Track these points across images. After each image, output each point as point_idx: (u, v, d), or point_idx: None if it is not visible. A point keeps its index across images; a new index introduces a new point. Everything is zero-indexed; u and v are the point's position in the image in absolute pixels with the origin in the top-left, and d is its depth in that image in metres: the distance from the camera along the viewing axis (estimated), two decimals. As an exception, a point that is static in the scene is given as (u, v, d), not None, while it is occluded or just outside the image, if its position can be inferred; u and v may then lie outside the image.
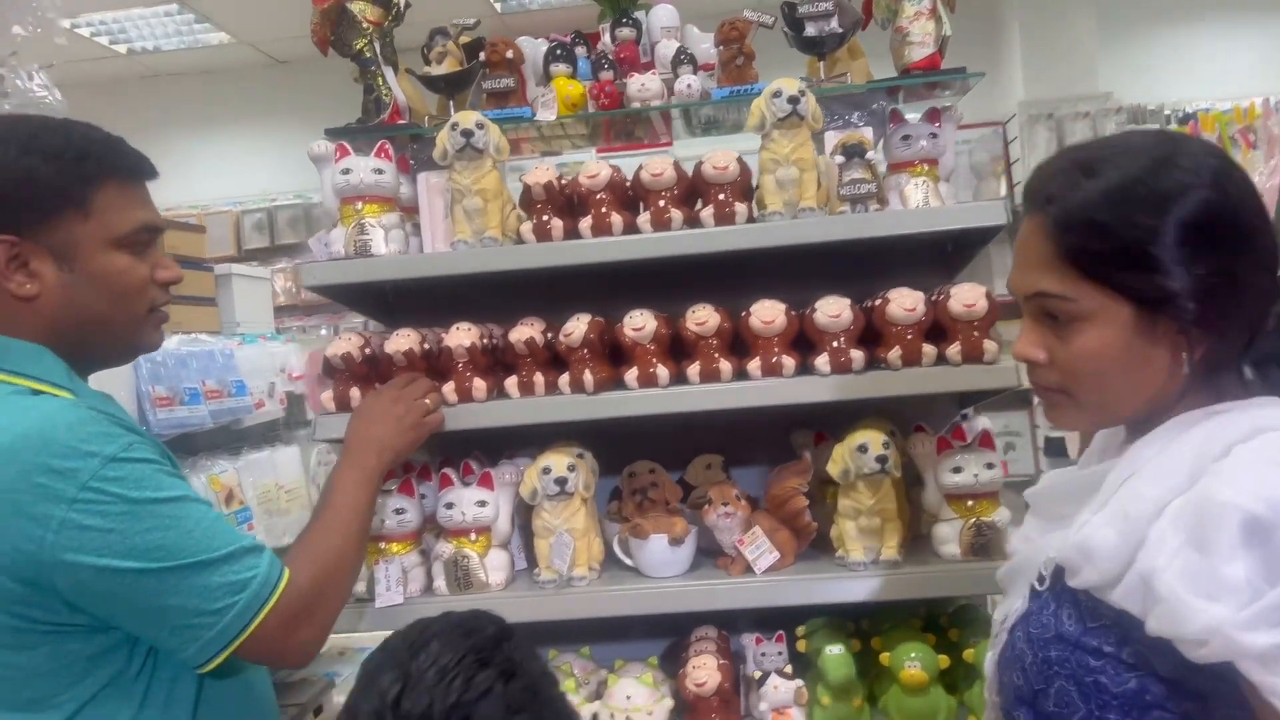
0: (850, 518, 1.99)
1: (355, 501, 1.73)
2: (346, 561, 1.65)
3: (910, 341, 1.94)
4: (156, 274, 1.53)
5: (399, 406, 1.90)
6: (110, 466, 1.33)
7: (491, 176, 2.02)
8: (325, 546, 1.63)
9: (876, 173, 1.96)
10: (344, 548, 1.65)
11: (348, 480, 1.76)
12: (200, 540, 1.38)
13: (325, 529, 1.66)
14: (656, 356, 2.00)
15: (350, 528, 1.69)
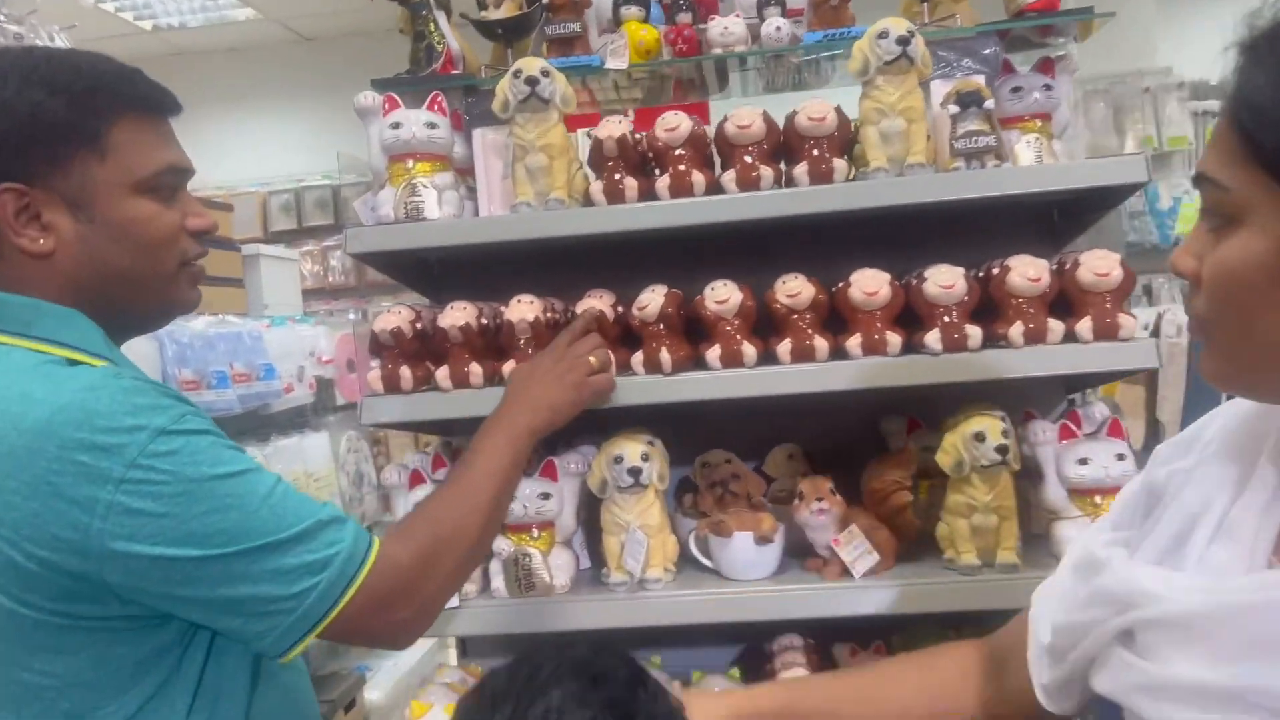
0: (962, 515, 1.76)
1: (491, 465, 1.50)
2: (465, 534, 1.41)
3: (1034, 315, 1.71)
4: (187, 222, 1.32)
5: (560, 364, 1.68)
6: (160, 440, 1.14)
7: (558, 131, 1.80)
8: (442, 515, 1.41)
9: (995, 124, 1.73)
10: (465, 518, 1.42)
11: (488, 441, 1.54)
12: (268, 519, 1.19)
13: (447, 495, 1.45)
14: (741, 333, 1.78)
15: (478, 495, 1.45)
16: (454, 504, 1.43)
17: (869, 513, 1.83)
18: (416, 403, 1.81)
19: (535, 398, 1.61)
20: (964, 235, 2.01)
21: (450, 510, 1.42)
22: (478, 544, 1.46)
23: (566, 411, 1.65)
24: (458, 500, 1.44)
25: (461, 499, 1.44)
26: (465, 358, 1.81)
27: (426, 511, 1.43)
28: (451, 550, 1.38)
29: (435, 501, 1.45)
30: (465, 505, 1.43)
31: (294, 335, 4.72)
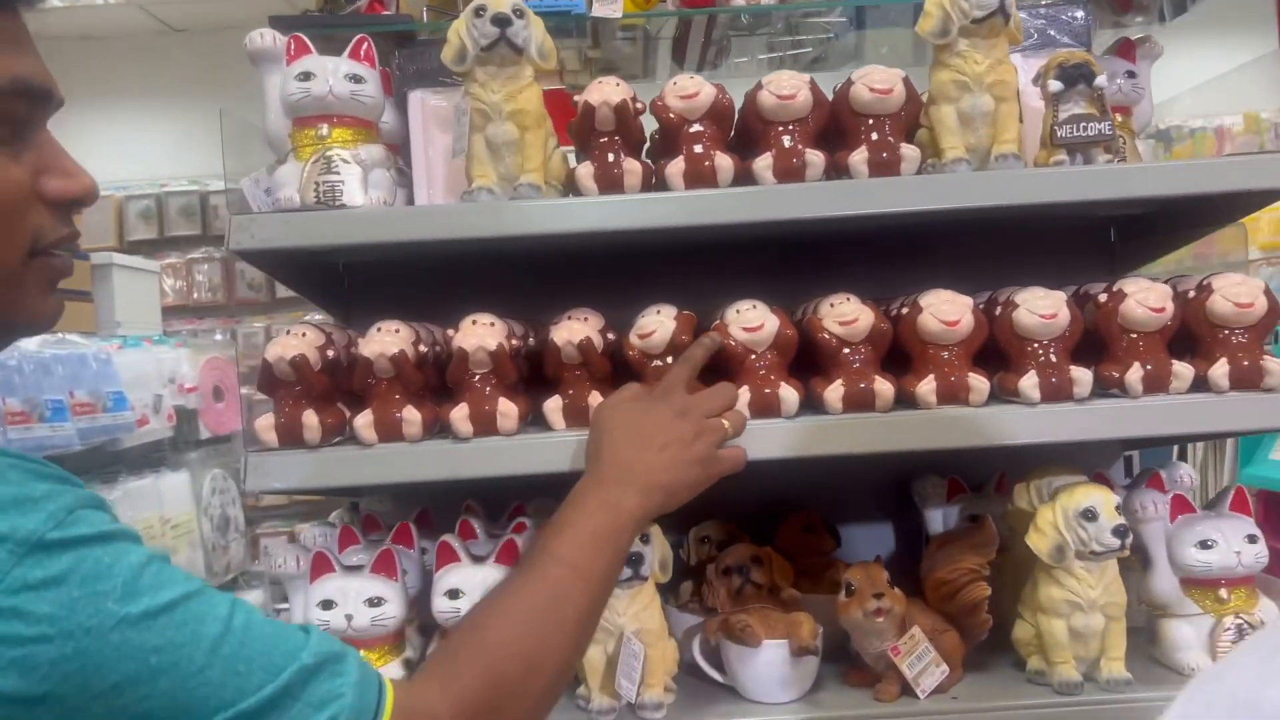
0: (1058, 615, 1.35)
1: (582, 563, 1.03)
2: (540, 671, 0.95)
3: (1153, 356, 1.32)
4: (43, 184, 0.82)
5: (686, 423, 1.17)
6: (32, 560, 0.70)
7: (532, 93, 1.32)
8: (505, 640, 0.95)
9: (1106, 107, 1.34)
10: (541, 645, 0.96)
11: (577, 527, 1.07)
12: (221, 682, 0.75)
13: (514, 609, 0.98)
14: (777, 371, 1.33)
15: (562, 609, 1.00)
16: (525, 623, 0.96)
17: (931, 609, 1.40)
18: (326, 462, 1.29)
19: (648, 470, 1.13)
20: (976, 254, 1.63)
21: (519, 632, 0.95)
22: (557, 683, 0.98)
23: (684, 496, 1.17)
24: (531, 617, 0.97)
25: (536, 616, 0.97)
26: (397, 399, 1.31)
27: (481, 633, 0.95)
28: (521, 697, 0.91)
29: (496, 617, 0.97)
30: (543, 626, 0.97)
31: (151, 359, 4.05)
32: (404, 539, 1.49)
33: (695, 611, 1.51)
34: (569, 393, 1.34)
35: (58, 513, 0.71)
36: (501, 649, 0.93)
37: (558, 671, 0.98)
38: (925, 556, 1.42)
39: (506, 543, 1.35)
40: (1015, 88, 1.35)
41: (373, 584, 1.33)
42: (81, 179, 0.85)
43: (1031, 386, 1.30)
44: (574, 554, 1.03)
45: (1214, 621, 1.36)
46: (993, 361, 1.36)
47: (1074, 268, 1.65)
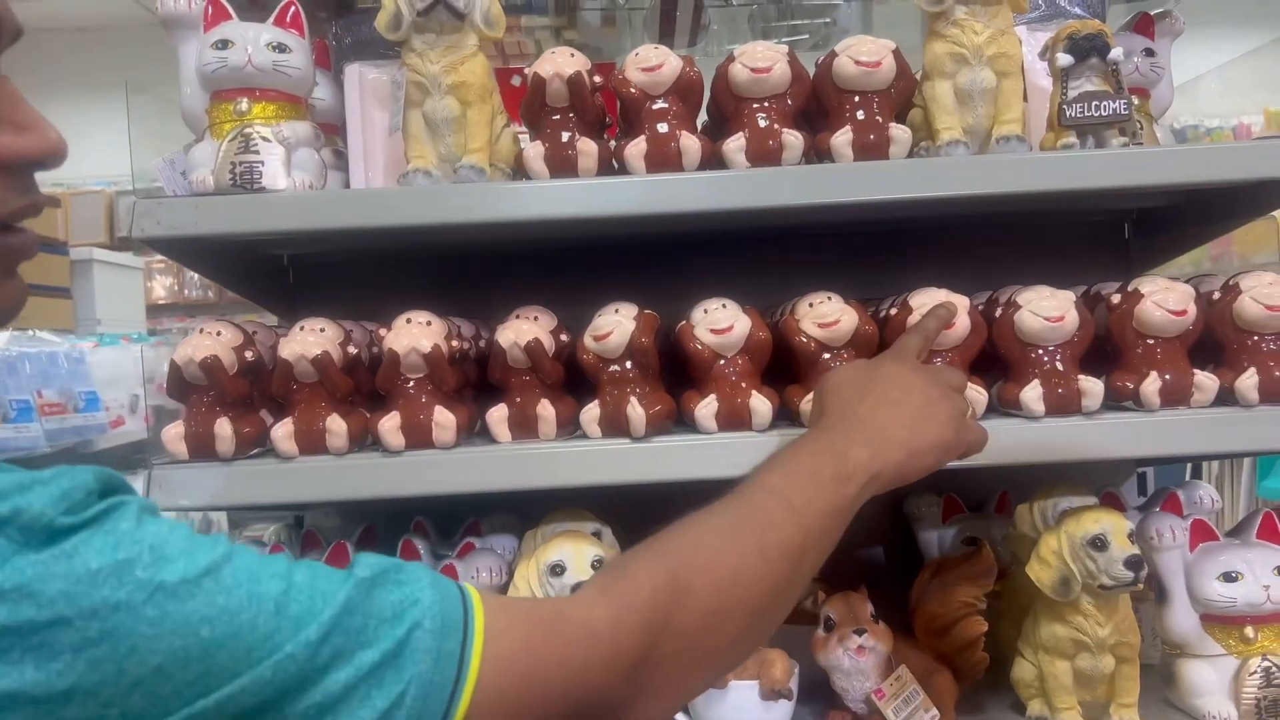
0: (1063, 655, 1.20)
1: (804, 494, 0.87)
2: (753, 579, 0.81)
3: (1173, 364, 1.17)
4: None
5: (929, 380, 1.00)
6: (35, 539, 0.57)
7: (477, 64, 1.18)
8: (711, 538, 0.82)
9: (1123, 85, 1.19)
10: (752, 553, 0.82)
11: (806, 460, 0.91)
12: (273, 622, 0.61)
13: (724, 513, 0.85)
14: (749, 379, 1.18)
15: (779, 529, 0.84)
16: (719, 537, 0.82)
17: (922, 646, 1.25)
18: (240, 477, 1.15)
19: (884, 425, 0.96)
20: (981, 249, 1.49)
21: (711, 544, 0.81)
22: (757, 619, 0.83)
23: (930, 461, 0.99)
24: (728, 534, 0.82)
25: (735, 535, 0.82)
26: (321, 407, 1.17)
27: (664, 543, 0.81)
28: (707, 620, 0.77)
29: (685, 530, 0.83)
30: (741, 544, 0.82)
31: (128, 357, 3.92)
32: (340, 561, 1.35)
33: (660, 644, 1.36)
34: (516, 401, 1.20)
35: (72, 492, 0.58)
36: (686, 557, 0.78)
37: (758, 603, 0.82)
38: (915, 586, 1.27)
39: (446, 568, 1.21)
40: (1019, 62, 1.20)
41: (295, 612, 1.19)
42: (43, 134, 0.72)
43: (1035, 398, 1.15)
44: (788, 487, 0.87)
45: (1239, 663, 1.21)
46: (993, 369, 1.21)
47: (1084, 266, 1.51)
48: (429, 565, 1.30)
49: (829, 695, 1.26)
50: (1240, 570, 1.21)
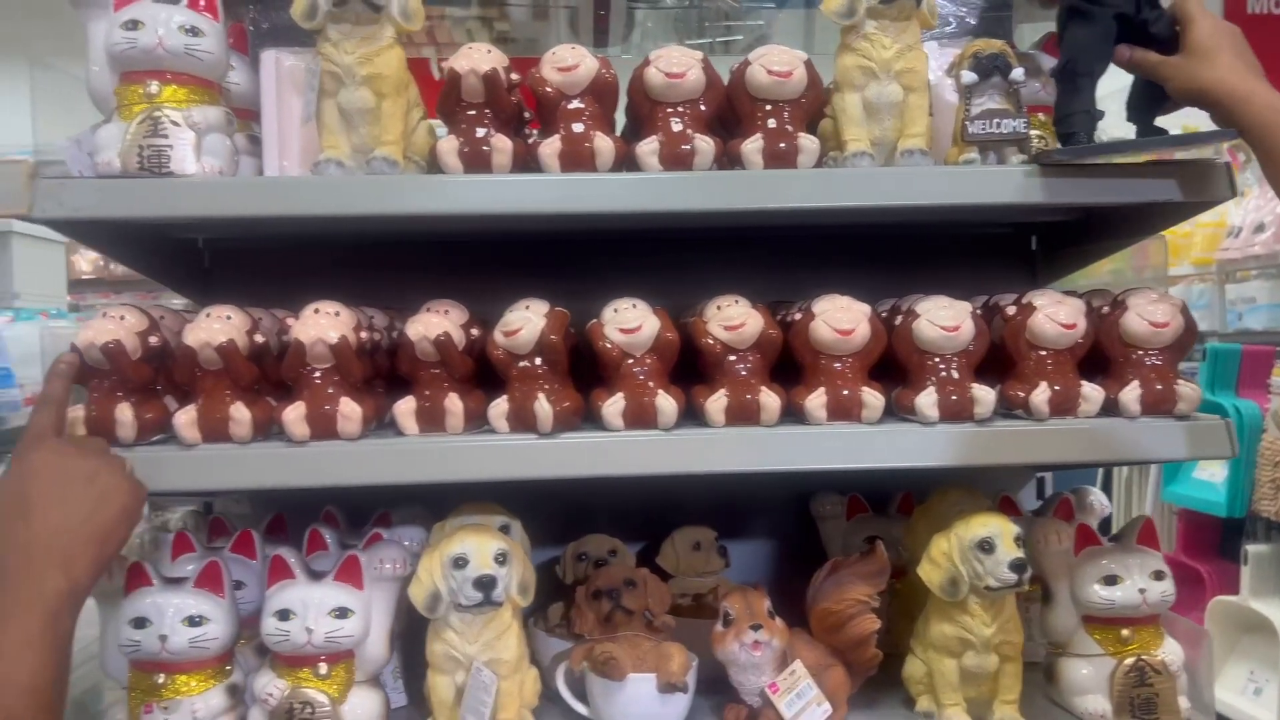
0: (949, 654, 1.25)
1: (32, 670, 0.88)
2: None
3: (1062, 375, 1.21)
4: None
5: (88, 462, 1.00)
6: None
7: (393, 56, 1.18)
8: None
9: (1021, 104, 1.23)
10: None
11: (12, 634, 0.90)
12: None
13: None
14: (656, 378, 1.20)
15: (44, 690, 0.87)
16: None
17: (816, 641, 1.28)
18: (141, 463, 1.12)
19: (54, 533, 0.95)
20: (889, 258, 1.53)
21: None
22: None
23: (124, 532, 1.00)
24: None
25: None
26: (226, 395, 1.16)
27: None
28: None
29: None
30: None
31: (46, 333, 3.83)
32: (245, 548, 1.34)
33: (564, 636, 1.38)
34: (425, 394, 1.20)
35: None
36: None
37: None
38: (812, 583, 1.30)
39: (348, 559, 1.21)
40: (925, 77, 1.23)
41: (195, 600, 1.19)
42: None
43: (930, 404, 1.19)
44: (13, 672, 0.87)
45: (1115, 663, 1.27)
46: (893, 376, 1.25)
47: (992, 278, 1.56)
48: (336, 555, 1.30)
49: (728, 689, 1.29)
50: (1120, 574, 1.27)
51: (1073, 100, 1.20)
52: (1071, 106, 1.20)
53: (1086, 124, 1.20)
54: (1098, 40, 1.18)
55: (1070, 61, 1.19)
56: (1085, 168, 1.18)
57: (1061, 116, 1.21)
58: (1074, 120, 1.20)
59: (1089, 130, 1.20)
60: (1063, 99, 1.21)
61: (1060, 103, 1.22)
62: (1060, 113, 1.22)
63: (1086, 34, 1.18)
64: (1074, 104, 1.20)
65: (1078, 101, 1.20)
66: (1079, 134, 1.19)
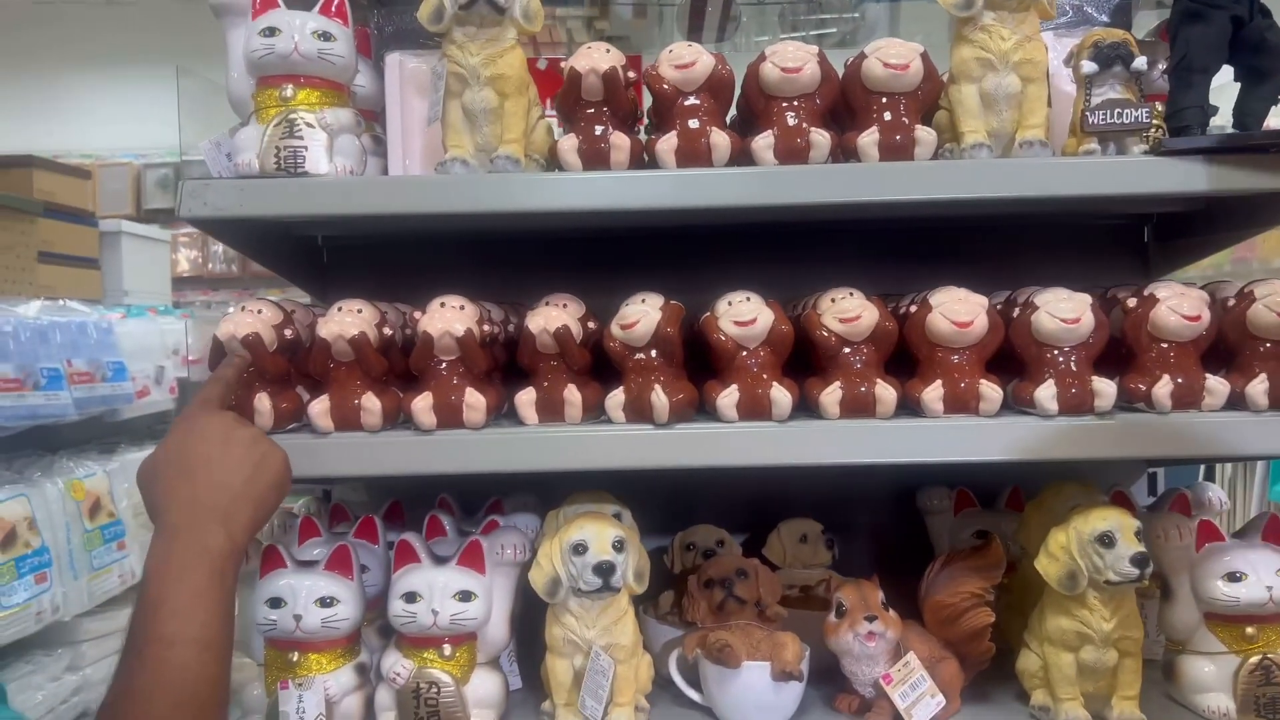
0: (1067, 648, 1.24)
1: (200, 624, 0.95)
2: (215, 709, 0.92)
3: (1185, 369, 1.20)
4: None
5: (244, 430, 1.08)
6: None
7: (515, 57, 1.22)
8: (176, 685, 0.90)
9: (1142, 94, 1.21)
10: (210, 683, 0.93)
11: (178, 587, 0.96)
12: None
13: (156, 703, 0.90)
14: (770, 370, 1.22)
15: (205, 678, 0.93)
16: (172, 715, 0.90)
17: (929, 634, 1.28)
18: (277, 450, 1.19)
19: (216, 491, 1.02)
20: (1002, 250, 1.53)
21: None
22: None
23: (275, 498, 1.08)
24: (179, 704, 0.91)
25: (182, 700, 0.91)
26: (357, 385, 1.21)
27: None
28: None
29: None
30: (192, 708, 0.91)
31: (154, 329, 3.99)
32: (368, 534, 1.40)
33: (675, 624, 1.40)
34: (544, 385, 1.24)
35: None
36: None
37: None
38: (926, 576, 1.31)
39: (471, 544, 1.25)
40: (1045, 68, 1.22)
41: (326, 582, 1.24)
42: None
43: (1049, 397, 1.18)
44: (184, 627, 0.93)
45: (1239, 661, 1.24)
46: (1008, 368, 1.24)
47: (1103, 269, 1.54)
48: (455, 540, 1.35)
49: (839, 679, 1.30)
50: (1244, 571, 1.24)
51: (1186, 95, 1.20)
52: (1185, 101, 1.20)
53: (1200, 119, 1.19)
54: (1213, 38, 1.18)
55: (1185, 58, 1.18)
56: (1212, 155, 1.16)
57: (1174, 111, 1.21)
58: (1187, 115, 1.19)
59: (1202, 125, 1.19)
60: (1176, 94, 1.21)
61: (1173, 98, 1.21)
62: (1173, 107, 1.21)
63: (1202, 32, 1.18)
64: (1187, 99, 1.20)
65: (1191, 96, 1.19)
66: (1192, 128, 1.18)
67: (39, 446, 3.21)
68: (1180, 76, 1.20)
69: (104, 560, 3.00)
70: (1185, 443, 1.19)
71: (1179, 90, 1.21)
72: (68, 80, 6.50)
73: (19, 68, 6.32)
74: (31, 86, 6.28)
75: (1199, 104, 1.19)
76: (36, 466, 3.07)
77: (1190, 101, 1.19)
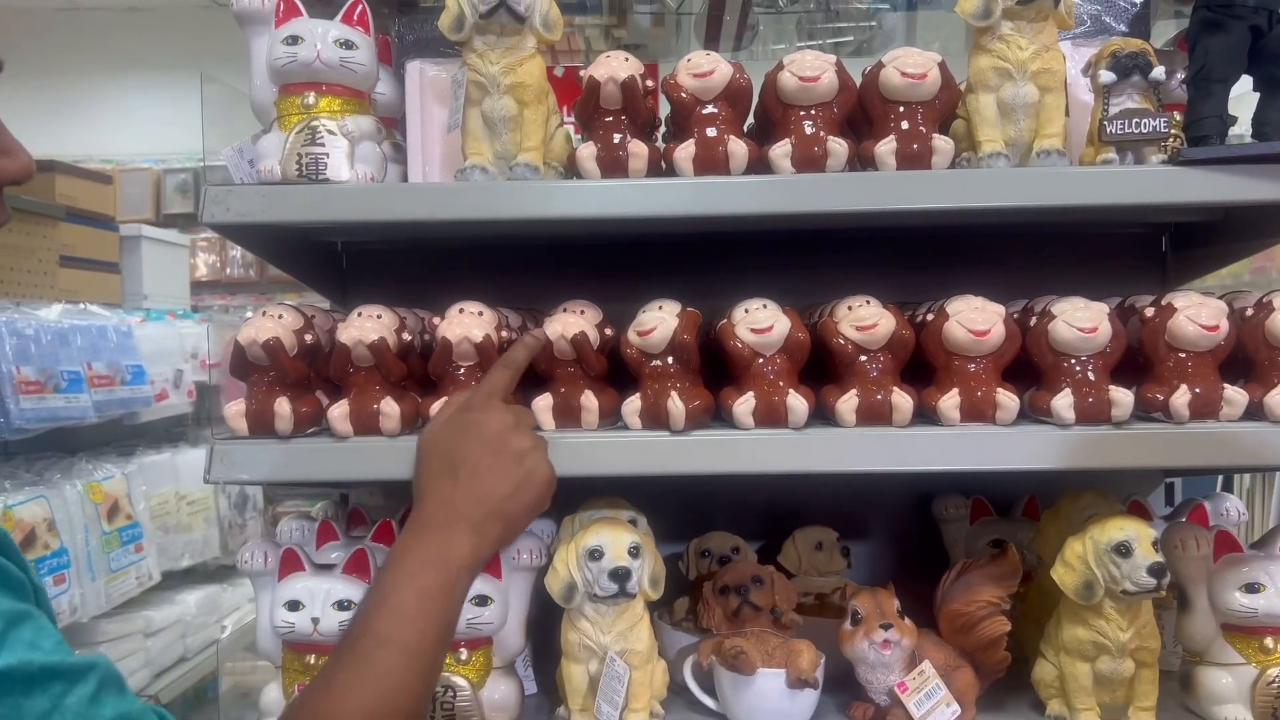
0: (1083, 658, 1.23)
1: (417, 631, 0.95)
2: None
3: (1206, 378, 1.19)
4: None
5: (517, 436, 1.07)
6: None
7: (534, 66, 1.23)
8: (373, 689, 0.90)
9: (1159, 103, 1.21)
10: (410, 695, 0.93)
11: (409, 585, 0.98)
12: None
13: (353, 697, 0.91)
14: (786, 377, 1.22)
15: (405, 688, 0.93)
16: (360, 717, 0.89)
17: (944, 643, 1.28)
18: (297, 454, 1.21)
19: (476, 501, 1.03)
20: (1019, 259, 1.53)
21: (380, 679, 0.89)
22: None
23: (525, 521, 1.08)
24: (369, 709, 0.90)
25: (374, 707, 0.90)
26: (376, 390, 1.22)
27: (345, 685, 0.89)
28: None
29: (325, 715, 0.89)
30: (383, 715, 0.90)
31: (173, 333, 4.02)
32: (385, 538, 1.40)
33: (690, 630, 1.41)
34: (560, 391, 1.24)
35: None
36: (371, 697, 0.87)
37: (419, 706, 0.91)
38: (941, 584, 1.30)
39: (487, 548, 1.26)
40: (1062, 77, 1.23)
41: (344, 586, 1.25)
42: (20, 157, 0.77)
43: (1066, 406, 1.18)
44: (401, 631, 0.93)
45: (1257, 673, 1.24)
46: (1025, 377, 1.24)
47: (1121, 278, 1.53)
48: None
49: (854, 687, 1.30)
50: (1263, 582, 1.24)
51: (1204, 105, 1.20)
52: (1203, 111, 1.20)
53: (1218, 129, 1.19)
54: (1233, 48, 1.18)
55: (1204, 68, 1.18)
56: (1231, 165, 1.16)
57: (1192, 121, 1.21)
58: (1205, 124, 1.19)
59: (1221, 135, 1.19)
60: (1194, 104, 1.21)
61: (1192, 107, 1.21)
62: (1191, 117, 1.21)
63: (1221, 42, 1.18)
64: (1206, 109, 1.20)
65: (1209, 106, 1.19)
66: (1211, 137, 1.18)
67: (58, 449, 3.24)
68: (1199, 86, 1.20)
69: (122, 562, 3.03)
70: (1202, 453, 1.19)
71: (1197, 100, 1.21)
72: (89, 86, 6.57)
73: (41, 74, 6.39)
74: (53, 92, 6.34)
75: (1218, 114, 1.19)
76: (56, 469, 3.10)
77: (1209, 111, 1.19)
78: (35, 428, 2.91)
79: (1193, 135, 1.20)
